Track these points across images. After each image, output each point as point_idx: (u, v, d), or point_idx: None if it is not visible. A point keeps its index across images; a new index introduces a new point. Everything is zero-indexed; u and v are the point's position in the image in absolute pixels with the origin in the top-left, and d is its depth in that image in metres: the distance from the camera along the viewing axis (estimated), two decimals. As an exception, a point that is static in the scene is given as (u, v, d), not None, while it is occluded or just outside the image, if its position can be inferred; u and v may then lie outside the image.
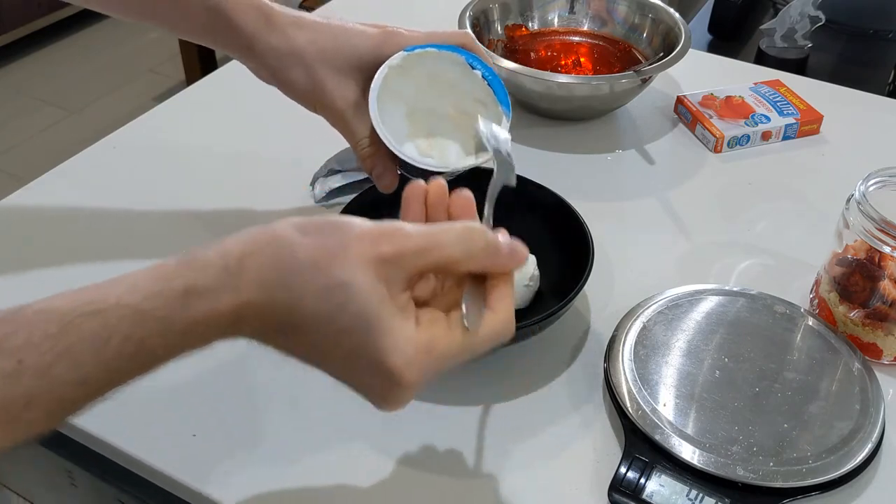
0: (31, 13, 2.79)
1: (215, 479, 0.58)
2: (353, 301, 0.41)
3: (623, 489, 0.56)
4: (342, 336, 0.42)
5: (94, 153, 0.88)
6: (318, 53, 0.63)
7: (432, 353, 0.43)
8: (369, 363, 0.42)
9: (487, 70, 0.64)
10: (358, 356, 0.42)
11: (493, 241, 0.45)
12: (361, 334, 0.42)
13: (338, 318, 0.41)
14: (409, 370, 0.42)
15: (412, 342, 0.42)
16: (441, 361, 0.44)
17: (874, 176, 0.66)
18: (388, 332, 0.42)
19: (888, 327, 0.65)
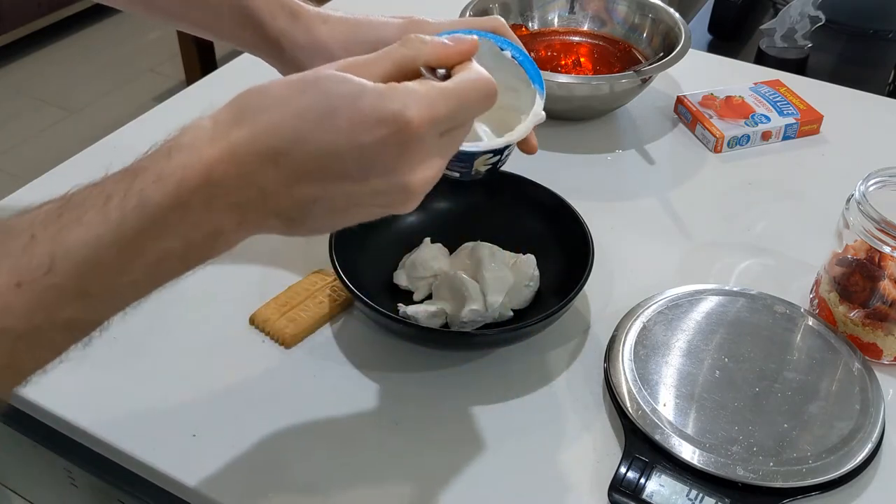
0: (31, 13, 2.79)
1: (215, 479, 0.58)
2: (331, 84, 0.42)
3: (623, 489, 0.56)
4: (334, 117, 0.41)
5: (94, 153, 0.88)
6: (342, 46, 0.63)
7: (420, 92, 0.42)
8: (367, 126, 0.41)
9: (517, 51, 0.61)
10: (356, 128, 0.41)
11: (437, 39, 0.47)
12: (348, 101, 0.41)
13: (322, 103, 0.41)
14: (407, 109, 0.41)
15: (398, 88, 0.42)
16: (434, 102, 0.42)
17: (874, 176, 0.66)
18: (371, 88, 0.42)
19: (888, 327, 0.65)
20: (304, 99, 0.42)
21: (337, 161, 0.41)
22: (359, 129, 0.41)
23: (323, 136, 0.41)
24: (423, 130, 0.42)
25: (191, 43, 2.45)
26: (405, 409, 0.63)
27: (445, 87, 0.44)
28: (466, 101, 0.44)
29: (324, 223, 0.46)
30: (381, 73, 0.44)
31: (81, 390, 0.63)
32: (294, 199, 0.43)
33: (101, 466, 0.63)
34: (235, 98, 0.43)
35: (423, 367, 0.66)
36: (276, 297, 0.69)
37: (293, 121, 0.41)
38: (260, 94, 0.42)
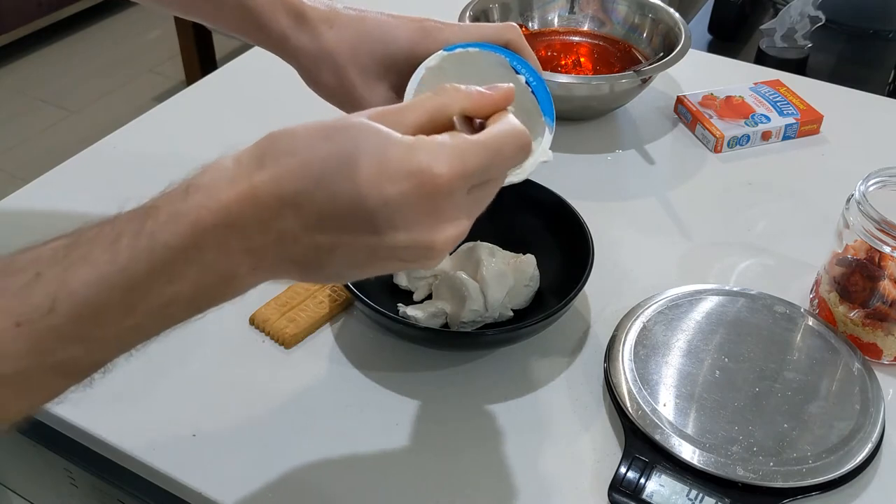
0: (31, 13, 2.79)
1: (215, 479, 0.58)
2: (358, 132, 0.40)
3: (623, 489, 0.56)
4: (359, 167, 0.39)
5: (94, 153, 0.88)
6: (349, 53, 0.60)
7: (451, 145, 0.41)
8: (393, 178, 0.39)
9: (532, 75, 0.58)
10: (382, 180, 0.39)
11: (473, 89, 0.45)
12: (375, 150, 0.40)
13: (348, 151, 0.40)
14: (436, 163, 0.39)
15: (427, 141, 0.41)
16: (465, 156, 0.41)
17: (874, 176, 0.66)
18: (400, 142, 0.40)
19: (888, 327, 0.65)
20: (330, 145, 0.40)
21: (360, 211, 0.40)
22: (385, 180, 0.39)
23: (347, 185, 0.39)
24: (453, 185, 0.40)
25: (191, 43, 2.45)
26: (405, 409, 0.63)
27: (478, 140, 0.42)
28: (499, 155, 0.43)
29: (341, 272, 0.44)
30: (413, 122, 0.43)
31: (81, 391, 0.63)
32: (313, 246, 0.41)
33: (101, 466, 0.63)
34: (261, 140, 0.42)
35: (423, 367, 0.66)
36: (276, 297, 0.69)
37: (318, 166, 0.40)
38: (286, 138, 0.41)
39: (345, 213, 0.40)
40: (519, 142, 0.44)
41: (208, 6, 0.65)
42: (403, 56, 0.60)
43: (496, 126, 0.43)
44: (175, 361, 0.66)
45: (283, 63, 0.65)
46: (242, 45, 0.81)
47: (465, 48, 0.58)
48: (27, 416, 0.40)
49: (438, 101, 0.44)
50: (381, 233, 0.40)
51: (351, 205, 0.40)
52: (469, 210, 0.43)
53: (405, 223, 0.40)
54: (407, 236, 0.41)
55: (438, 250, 0.42)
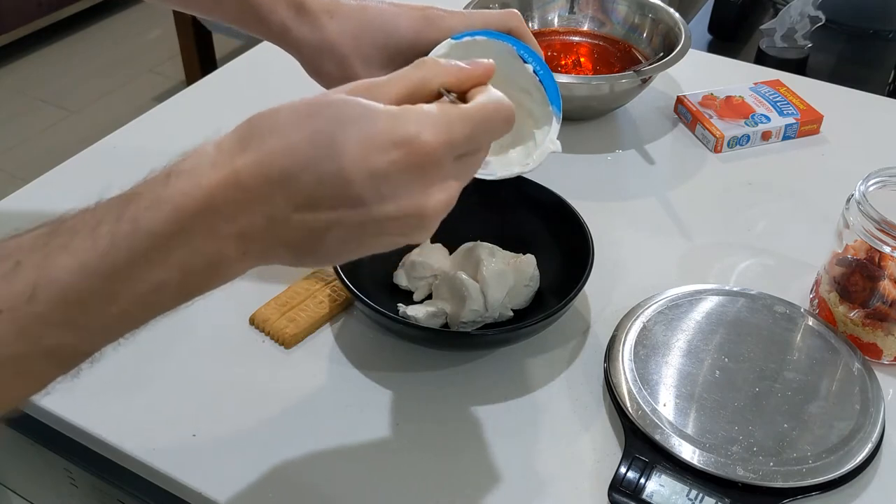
0: (31, 13, 2.79)
1: (215, 479, 0.58)
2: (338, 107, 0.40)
3: (623, 489, 0.56)
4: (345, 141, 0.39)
5: (94, 153, 0.88)
6: (352, 44, 0.60)
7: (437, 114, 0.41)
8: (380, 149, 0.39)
9: (539, 63, 0.58)
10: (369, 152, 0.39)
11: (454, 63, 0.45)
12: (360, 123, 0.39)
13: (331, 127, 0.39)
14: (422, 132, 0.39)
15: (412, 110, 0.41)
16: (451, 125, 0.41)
17: (874, 176, 0.66)
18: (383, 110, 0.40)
19: (888, 327, 0.65)
20: (314, 122, 0.40)
21: (349, 186, 0.39)
22: (372, 152, 0.39)
23: (334, 161, 0.39)
24: (440, 153, 0.40)
25: (191, 43, 2.45)
26: (405, 409, 0.63)
27: (463, 109, 0.42)
28: (485, 125, 0.43)
29: (334, 253, 0.43)
30: (395, 95, 0.42)
31: (81, 391, 0.63)
32: (304, 227, 0.40)
33: (101, 466, 0.63)
34: (243, 123, 0.41)
35: (423, 367, 0.66)
36: (276, 297, 0.69)
37: (302, 145, 0.39)
38: (268, 119, 0.41)
39: (334, 189, 0.39)
40: (503, 113, 0.44)
41: None
42: (407, 45, 0.60)
43: (481, 97, 0.44)
44: (175, 361, 0.66)
45: (283, 63, 0.65)
46: (242, 45, 0.81)
47: (473, 36, 0.58)
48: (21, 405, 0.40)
49: (420, 75, 0.44)
50: (369, 204, 0.40)
51: (339, 181, 0.39)
52: (458, 175, 0.43)
53: (394, 193, 0.40)
54: (395, 206, 0.40)
55: (429, 217, 0.41)
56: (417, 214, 0.41)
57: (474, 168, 0.44)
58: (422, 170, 0.40)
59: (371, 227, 0.41)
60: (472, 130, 0.42)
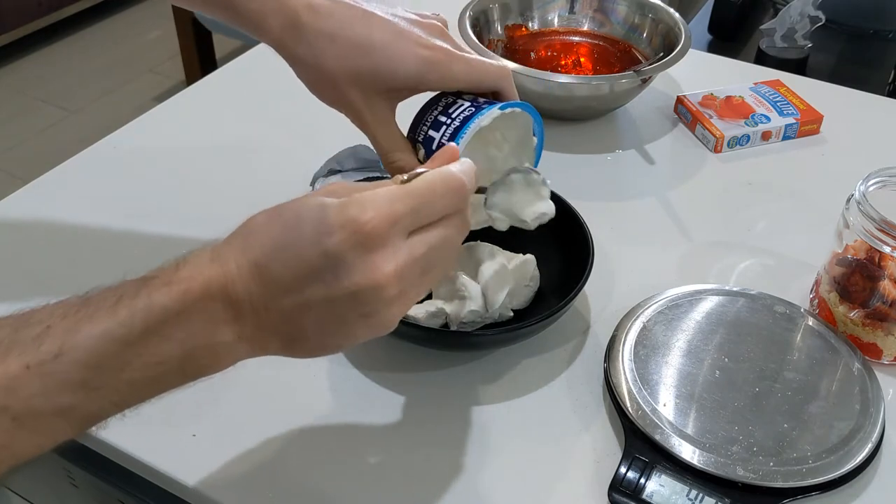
0: (31, 13, 2.79)
1: (215, 479, 0.58)
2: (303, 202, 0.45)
3: (623, 489, 0.56)
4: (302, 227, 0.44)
5: (94, 153, 0.89)
6: (351, 76, 0.58)
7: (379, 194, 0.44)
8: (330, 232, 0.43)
9: (540, 135, 0.62)
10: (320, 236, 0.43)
11: None
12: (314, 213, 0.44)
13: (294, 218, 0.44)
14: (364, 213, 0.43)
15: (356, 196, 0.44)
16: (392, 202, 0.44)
17: (874, 176, 0.66)
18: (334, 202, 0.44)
19: (888, 327, 0.65)
20: (280, 219, 0.45)
21: (308, 268, 0.44)
22: (323, 235, 0.43)
23: (293, 247, 0.44)
24: (382, 229, 0.43)
25: (191, 43, 2.45)
26: (405, 409, 0.63)
27: (407, 186, 0.46)
28: (429, 198, 0.46)
29: (319, 341, 0.47)
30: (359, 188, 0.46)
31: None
32: (281, 312, 0.45)
33: (101, 466, 0.63)
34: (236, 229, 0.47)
35: (423, 367, 0.66)
36: (276, 297, 0.69)
37: (268, 236, 0.45)
38: (251, 221, 0.46)
39: (296, 272, 0.44)
40: (450, 184, 0.47)
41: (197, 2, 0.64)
42: (408, 87, 0.59)
43: (427, 174, 0.47)
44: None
45: (283, 63, 0.65)
46: (242, 45, 0.81)
47: (514, 108, 0.59)
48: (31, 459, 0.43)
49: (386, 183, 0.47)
50: (331, 283, 0.44)
51: (299, 263, 0.44)
52: (411, 247, 0.45)
53: (346, 270, 0.43)
54: (349, 282, 0.43)
55: (383, 288, 0.44)
56: (371, 286, 0.44)
57: (438, 243, 0.47)
58: (365, 246, 0.43)
59: (337, 306, 0.44)
60: (415, 204, 0.45)
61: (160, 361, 0.44)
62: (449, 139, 0.58)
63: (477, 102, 0.59)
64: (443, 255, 0.48)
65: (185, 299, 0.43)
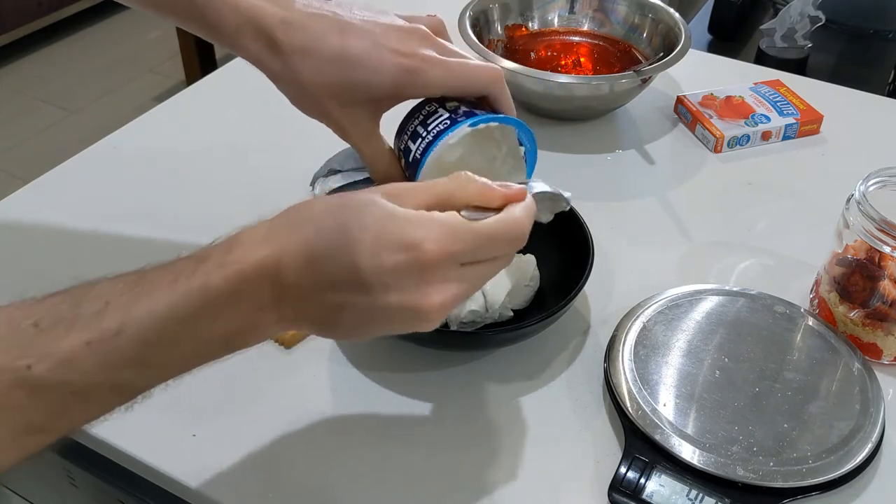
0: (31, 13, 2.79)
1: (215, 479, 0.58)
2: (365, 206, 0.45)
3: (623, 489, 0.56)
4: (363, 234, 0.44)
5: (94, 153, 0.89)
6: (329, 90, 0.58)
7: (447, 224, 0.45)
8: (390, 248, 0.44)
9: (531, 142, 0.61)
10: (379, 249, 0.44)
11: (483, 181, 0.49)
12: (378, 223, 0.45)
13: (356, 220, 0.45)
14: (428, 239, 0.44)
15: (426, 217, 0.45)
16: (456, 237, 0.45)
17: (874, 176, 0.66)
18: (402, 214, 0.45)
19: (888, 327, 0.65)
20: (342, 215, 0.45)
21: (359, 275, 0.44)
22: (382, 249, 0.44)
23: (352, 252, 0.44)
24: (441, 260, 0.45)
25: (191, 43, 2.45)
26: (405, 409, 0.63)
27: (473, 225, 0.46)
28: (490, 243, 0.47)
29: (352, 331, 0.49)
30: (422, 201, 0.47)
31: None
32: (323, 305, 0.46)
33: (101, 466, 0.63)
34: (289, 209, 0.48)
35: (423, 367, 0.66)
36: (276, 297, 0.69)
37: (330, 233, 0.45)
38: (306, 208, 0.47)
39: (348, 276, 0.45)
40: (512, 235, 0.48)
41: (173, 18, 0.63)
42: (386, 97, 0.58)
43: (497, 217, 0.47)
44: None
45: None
46: (242, 45, 0.81)
47: (487, 123, 0.57)
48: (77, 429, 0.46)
49: (449, 188, 0.48)
50: (374, 294, 0.45)
51: (353, 269, 0.44)
52: (461, 280, 0.47)
53: (396, 287, 0.45)
54: (397, 299, 0.45)
55: (426, 313, 0.46)
56: (415, 309, 0.45)
57: (482, 277, 0.49)
58: (422, 273, 0.45)
59: (377, 313, 0.46)
60: (476, 245, 0.46)
61: (209, 339, 0.45)
62: (422, 153, 0.57)
63: (456, 113, 0.58)
64: (482, 284, 0.49)
65: (237, 280, 0.44)
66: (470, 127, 0.56)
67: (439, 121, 0.58)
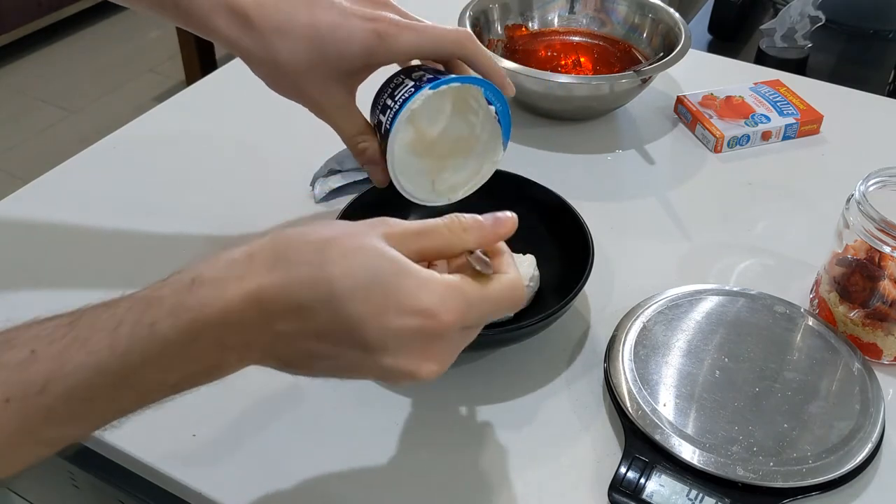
0: (31, 13, 2.79)
1: (215, 479, 0.58)
2: (372, 256, 0.41)
3: (623, 489, 0.56)
4: (370, 293, 0.41)
5: (94, 153, 0.89)
6: (305, 66, 0.58)
7: (462, 292, 0.43)
8: (400, 311, 0.41)
9: (501, 101, 0.61)
10: (389, 310, 0.41)
11: (475, 218, 0.47)
12: (388, 280, 0.41)
13: (362, 274, 0.41)
14: (444, 309, 0.42)
15: (440, 281, 0.43)
16: (470, 306, 0.43)
17: (874, 176, 0.66)
18: (414, 273, 0.42)
19: (888, 327, 0.65)
20: (343, 264, 0.41)
21: (360, 331, 0.41)
22: (391, 310, 0.41)
23: (354, 307, 0.41)
24: (451, 330, 0.43)
25: (191, 43, 2.45)
26: (405, 409, 0.63)
27: (484, 293, 0.44)
28: (498, 307, 0.46)
29: (318, 373, 0.45)
30: (421, 249, 0.44)
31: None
32: (303, 350, 0.42)
33: (102, 467, 0.63)
34: (275, 238, 0.43)
35: (423, 367, 0.66)
36: (276, 297, 0.69)
37: (327, 284, 0.41)
38: (300, 243, 0.42)
39: (345, 331, 0.41)
40: (516, 296, 0.46)
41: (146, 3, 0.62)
42: (359, 62, 0.59)
43: (501, 281, 0.46)
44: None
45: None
46: (242, 45, 0.81)
47: (449, 84, 0.58)
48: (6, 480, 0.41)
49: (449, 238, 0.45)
50: (372, 353, 0.42)
51: (353, 324, 0.41)
52: (457, 345, 0.45)
53: (397, 351, 0.42)
54: (394, 361, 0.42)
55: (418, 379, 0.43)
56: (409, 374, 0.43)
57: (474, 335, 0.47)
58: (428, 340, 0.42)
59: (365, 368, 0.43)
60: (485, 312, 0.45)
61: (155, 387, 0.41)
62: (390, 123, 0.58)
63: (420, 81, 0.59)
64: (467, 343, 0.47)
65: (193, 327, 0.40)
66: (431, 90, 0.57)
67: (405, 90, 0.59)
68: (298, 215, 0.80)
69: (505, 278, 0.46)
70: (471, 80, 0.59)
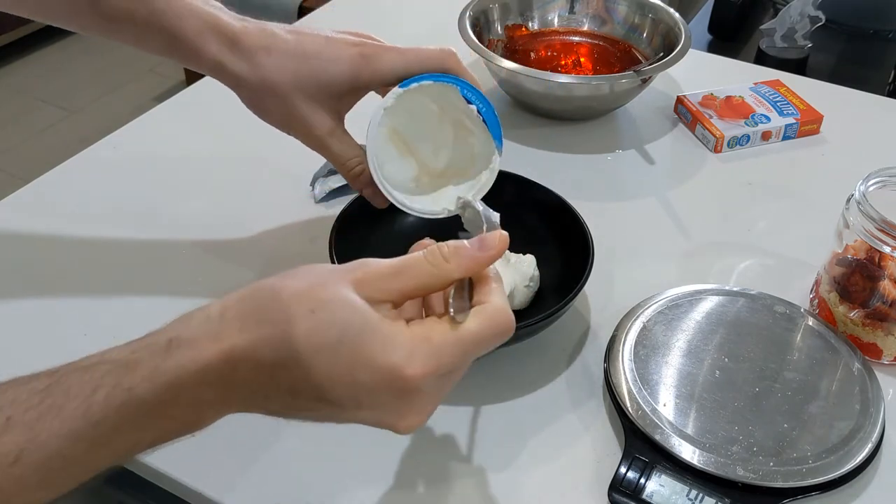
0: (31, 13, 2.79)
1: (215, 479, 0.58)
2: (339, 312, 0.41)
3: (623, 489, 0.56)
4: (337, 351, 0.40)
5: (94, 153, 0.89)
6: (291, 83, 0.60)
7: (430, 342, 0.41)
8: (370, 371, 0.40)
9: (482, 101, 0.61)
10: (356, 368, 0.40)
11: (457, 246, 0.45)
12: (353, 337, 0.40)
13: (327, 332, 0.40)
14: (410, 364, 0.41)
15: (406, 335, 0.41)
16: (441, 355, 0.42)
17: (874, 176, 0.66)
18: (378, 331, 0.41)
19: (888, 327, 0.65)
20: (310, 322, 0.41)
21: (331, 390, 0.41)
22: (359, 367, 0.40)
23: (321, 366, 0.40)
24: (424, 382, 0.41)
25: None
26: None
27: (457, 338, 0.42)
28: (476, 348, 0.44)
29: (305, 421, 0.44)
30: (402, 289, 0.43)
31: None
32: (282, 404, 0.43)
33: (101, 466, 0.63)
34: (248, 295, 0.42)
35: (423, 367, 0.66)
36: (276, 297, 0.69)
37: (297, 341, 0.40)
38: (272, 301, 0.42)
39: (316, 389, 0.41)
40: (500, 327, 0.44)
41: (130, 31, 0.63)
42: (346, 84, 0.60)
43: (483, 313, 0.44)
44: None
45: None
46: (242, 45, 0.81)
47: (419, 82, 0.60)
48: None
49: (430, 271, 0.44)
50: (346, 409, 0.42)
51: (320, 384, 0.41)
52: (440, 390, 0.44)
53: (372, 406, 0.42)
54: (371, 415, 0.42)
55: (400, 430, 0.43)
56: (388, 426, 0.43)
57: (459, 377, 0.45)
58: (400, 395, 0.41)
59: (344, 419, 0.43)
60: (462, 356, 0.43)
61: (131, 448, 0.41)
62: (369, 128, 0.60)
63: None
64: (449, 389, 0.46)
65: (170, 389, 0.40)
66: (400, 88, 0.59)
67: None
68: (298, 215, 0.80)
69: (488, 308, 0.44)
70: (444, 79, 0.60)
